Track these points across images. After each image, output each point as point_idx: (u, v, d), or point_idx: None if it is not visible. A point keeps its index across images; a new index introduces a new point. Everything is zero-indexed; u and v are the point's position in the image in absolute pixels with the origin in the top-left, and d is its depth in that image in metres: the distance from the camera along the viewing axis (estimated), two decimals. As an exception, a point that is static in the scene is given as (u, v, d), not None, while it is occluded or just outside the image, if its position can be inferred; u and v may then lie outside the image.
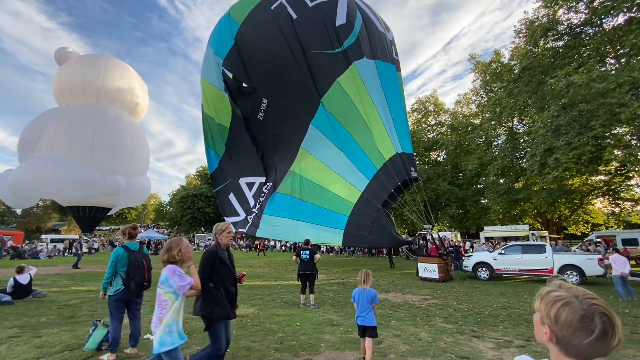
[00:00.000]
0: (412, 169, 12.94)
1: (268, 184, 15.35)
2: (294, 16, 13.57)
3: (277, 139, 14.84)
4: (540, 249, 12.10)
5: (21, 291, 8.07)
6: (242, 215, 15.55)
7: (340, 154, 13.50)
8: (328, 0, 13.92)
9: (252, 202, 15.37)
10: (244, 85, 14.53)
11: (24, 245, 29.35)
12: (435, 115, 36.61)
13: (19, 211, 61.80)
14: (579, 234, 28.94)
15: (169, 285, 2.80)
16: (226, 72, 14.64)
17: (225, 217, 17.02)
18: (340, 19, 13.60)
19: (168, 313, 2.78)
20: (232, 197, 16.15)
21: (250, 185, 15.86)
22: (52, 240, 32.29)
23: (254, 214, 14.90)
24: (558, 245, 15.01)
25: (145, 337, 5.02)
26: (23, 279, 8.17)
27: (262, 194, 15.18)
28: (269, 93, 14.38)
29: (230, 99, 14.97)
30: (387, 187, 12.49)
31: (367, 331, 4.06)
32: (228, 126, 15.79)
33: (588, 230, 27.97)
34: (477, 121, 31.24)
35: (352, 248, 29.59)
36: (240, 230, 15.31)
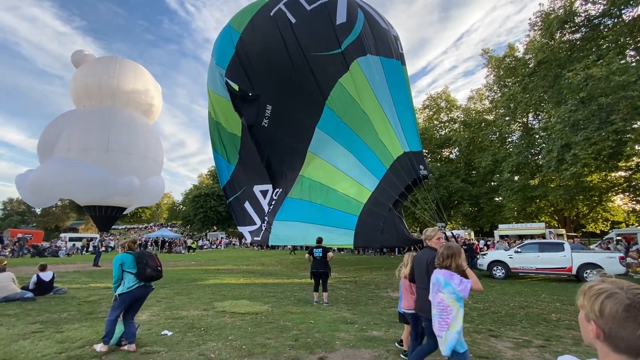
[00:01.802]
0: (422, 167, 12.73)
1: (277, 190, 15.35)
2: (293, 20, 13.56)
3: (284, 145, 14.80)
4: (558, 247, 11.80)
5: (43, 288, 8.31)
6: (258, 223, 15.58)
7: (349, 155, 13.40)
8: (326, 1, 13.89)
9: (266, 210, 15.41)
10: (248, 93, 14.58)
11: (44, 243, 30.26)
12: (447, 112, 36.07)
13: (38, 211, 63.83)
14: (597, 231, 28.14)
15: (452, 291, 2.81)
16: (230, 82, 14.77)
17: (238, 227, 17.06)
18: (341, 17, 13.50)
19: (456, 318, 2.80)
20: (247, 205, 16.13)
21: (264, 193, 15.87)
22: (71, 239, 33.20)
23: (266, 221, 14.93)
24: (575, 243, 14.62)
25: (162, 333, 5.11)
26: (45, 276, 8.41)
27: (273, 201, 15.21)
28: (273, 99, 14.37)
29: (234, 108, 15.11)
30: (397, 187, 12.34)
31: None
32: (240, 135, 15.85)
33: (607, 228, 27.17)
34: (490, 117, 30.65)
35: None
36: (255, 239, 15.32)
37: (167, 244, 33.03)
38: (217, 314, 6.42)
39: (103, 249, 27.08)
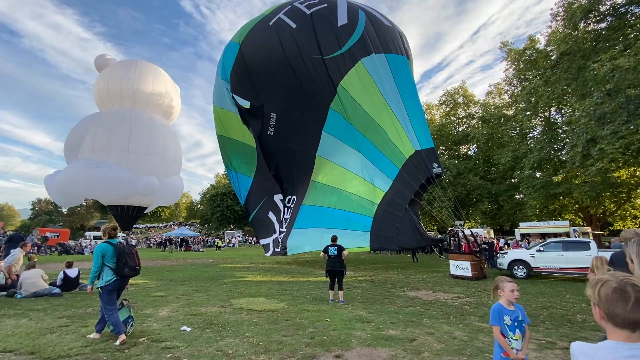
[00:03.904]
0: (435, 164, 12.41)
1: (291, 197, 15.32)
2: (293, 26, 13.57)
3: (292, 152, 14.76)
4: (584, 245, 11.34)
5: (69, 284, 8.66)
6: (278, 231, 15.58)
7: (358, 155, 13.28)
8: (326, 5, 13.86)
9: (285, 218, 15.39)
10: (252, 103, 14.64)
11: (70, 242, 31.54)
12: (465, 108, 35.24)
13: (65, 210, 66.58)
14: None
15: None
16: (235, 97, 14.91)
17: (261, 240, 17.08)
18: (342, 19, 13.42)
19: None
20: (271, 214, 16.12)
21: (283, 202, 15.90)
22: (95, 237, 34.48)
23: (284, 232, 14.93)
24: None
25: (182, 328, 5.22)
26: (72, 272, 8.77)
27: (289, 209, 15.20)
28: (276, 107, 14.40)
29: (242, 121, 15.19)
30: (411, 186, 12.13)
31: None
32: (255, 146, 15.94)
33: (637, 226, 25.90)
34: (510, 112, 29.76)
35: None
36: (276, 250, 15.24)
37: (185, 242, 33.76)
38: (234, 311, 6.51)
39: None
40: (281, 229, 15.23)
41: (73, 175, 18.66)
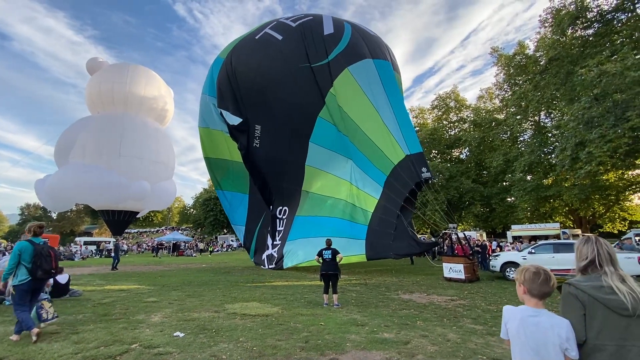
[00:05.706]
0: (424, 169, 12.45)
1: (282, 208, 15.21)
2: (279, 37, 13.72)
3: (279, 163, 14.66)
4: (574, 247, 11.51)
5: (59, 290, 8.51)
6: (270, 246, 15.32)
7: (349, 163, 13.32)
8: (312, 18, 14.10)
9: (279, 231, 15.22)
10: (236, 117, 14.62)
11: (61, 248, 30.96)
12: (457, 112, 35.69)
13: (54, 215, 65.41)
14: (615, 232, 27.40)
15: None
16: (223, 113, 14.91)
17: (255, 259, 16.78)
18: (328, 29, 13.64)
19: None
20: (269, 229, 15.83)
21: (274, 214, 15.76)
22: (85, 243, 33.96)
23: (278, 245, 14.76)
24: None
25: (174, 334, 5.17)
26: (62, 278, 8.62)
27: (281, 221, 15.10)
28: (261, 119, 14.36)
29: (232, 137, 15.16)
30: (401, 192, 12.15)
31: None
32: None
33: (625, 227, 26.42)
34: (501, 116, 30.25)
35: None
36: (270, 267, 14.95)
37: (177, 247, 33.42)
38: (227, 316, 6.46)
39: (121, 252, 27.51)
40: (274, 242, 15.07)
41: (64, 179, 18.39)
